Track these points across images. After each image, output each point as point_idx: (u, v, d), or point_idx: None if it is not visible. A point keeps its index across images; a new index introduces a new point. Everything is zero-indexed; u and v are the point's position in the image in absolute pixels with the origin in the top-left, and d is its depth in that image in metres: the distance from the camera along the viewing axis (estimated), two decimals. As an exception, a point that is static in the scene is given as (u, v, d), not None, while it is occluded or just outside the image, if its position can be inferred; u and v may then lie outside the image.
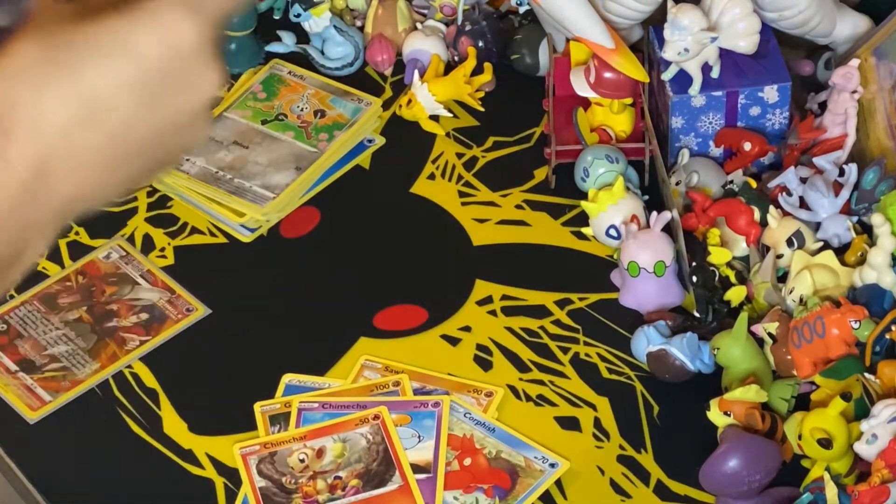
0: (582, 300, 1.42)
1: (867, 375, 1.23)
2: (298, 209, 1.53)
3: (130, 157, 0.72)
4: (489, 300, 1.43)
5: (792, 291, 1.32)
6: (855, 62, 1.45)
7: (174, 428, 1.34)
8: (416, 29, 1.68)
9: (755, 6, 1.46)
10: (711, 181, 1.46)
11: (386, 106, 1.62)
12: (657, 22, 1.50)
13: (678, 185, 1.46)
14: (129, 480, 1.32)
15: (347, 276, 1.47)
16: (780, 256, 1.37)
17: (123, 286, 1.46)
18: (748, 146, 1.46)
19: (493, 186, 1.54)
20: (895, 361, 1.23)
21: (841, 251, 1.36)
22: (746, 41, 1.46)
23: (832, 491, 1.16)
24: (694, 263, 1.37)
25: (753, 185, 1.43)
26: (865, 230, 1.37)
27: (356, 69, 1.66)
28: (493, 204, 1.52)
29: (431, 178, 1.56)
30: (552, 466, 1.28)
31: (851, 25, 1.53)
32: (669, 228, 1.40)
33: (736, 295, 1.37)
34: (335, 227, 1.51)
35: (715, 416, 1.26)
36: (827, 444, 1.19)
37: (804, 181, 1.41)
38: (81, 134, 0.69)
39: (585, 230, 1.46)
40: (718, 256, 1.38)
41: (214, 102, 0.73)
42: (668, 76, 1.47)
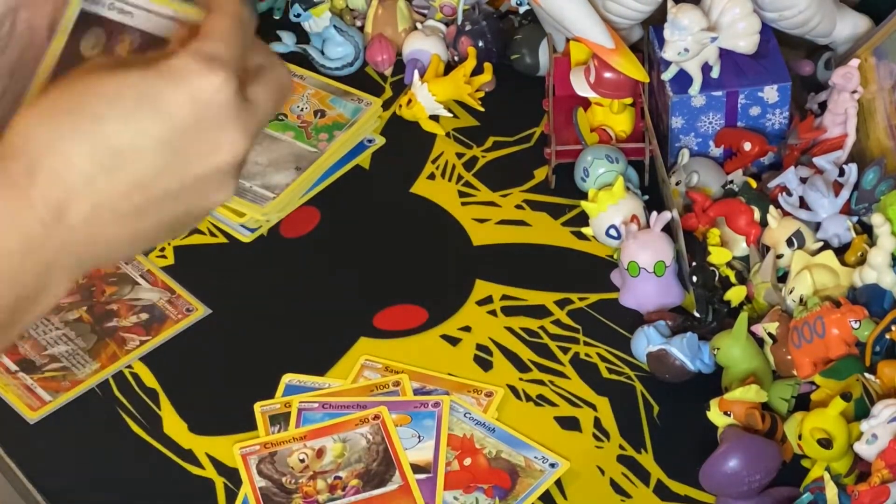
0: (582, 300, 1.42)
1: (867, 375, 1.23)
2: (298, 209, 1.53)
3: (150, 210, 0.72)
4: (489, 300, 1.43)
5: (792, 291, 1.32)
6: (855, 62, 1.45)
7: (174, 428, 1.34)
8: (416, 29, 1.68)
9: (755, 6, 1.46)
10: (711, 181, 1.46)
11: (386, 106, 1.62)
12: (657, 22, 1.50)
13: (678, 185, 1.46)
14: (129, 480, 1.31)
15: (347, 276, 1.47)
16: (780, 256, 1.37)
17: (123, 286, 1.46)
18: (748, 146, 1.46)
19: (493, 186, 1.54)
20: (895, 361, 1.23)
21: (841, 251, 1.36)
22: (746, 41, 1.46)
23: (832, 491, 1.16)
24: (694, 263, 1.37)
25: (753, 185, 1.43)
26: (865, 230, 1.37)
27: (356, 69, 1.66)
28: (493, 204, 1.52)
29: (431, 178, 1.55)
30: (552, 466, 1.28)
31: (851, 25, 1.53)
32: (669, 228, 1.40)
33: (736, 295, 1.37)
34: (335, 227, 1.51)
35: (715, 416, 1.26)
36: (827, 444, 1.19)
37: (804, 181, 1.41)
38: (104, 183, 0.70)
39: (585, 230, 1.46)
40: (718, 256, 1.38)
41: (239, 163, 0.74)
42: (668, 76, 1.47)
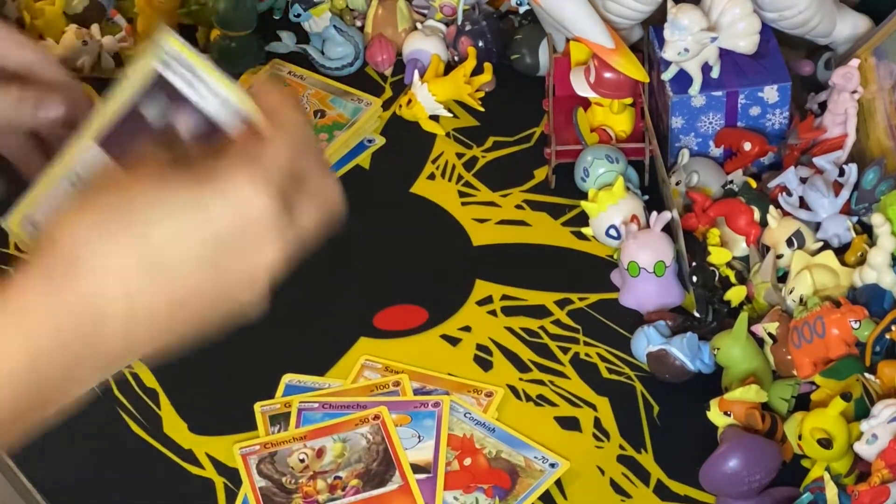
0: (582, 300, 1.42)
1: (867, 375, 1.23)
2: (298, 209, 1.52)
3: (185, 319, 0.73)
4: (489, 300, 1.43)
5: (792, 291, 1.32)
6: (855, 62, 1.45)
7: (174, 428, 1.34)
8: (416, 29, 1.68)
9: (755, 6, 1.46)
10: (711, 181, 1.46)
11: (386, 106, 1.62)
12: (657, 22, 1.49)
13: (678, 185, 1.46)
14: (129, 480, 1.31)
15: (347, 276, 1.47)
16: (780, 256, 1.37)
17: (123, 286, 1.46)
18: (748, 146, 1.46)
19: (493, 186, 1.54)
20: (895, 361, 1.23)
21: (841, 251, 1.36)
22: (746, 41, 1.46)
23: (832, 491, 1.16)
24: (694, 263, 1.37)
25: (753, 185, 1.43)
26: (865, 230, 1.37)
27: (356, 69, 1.66)
28: (493, 204, 1.52)
29: (431, 178, 1.55)
30: (552, 466, 1.28)
31: (851, 25, 1.53)
32: (669, 228, 1.40)
33: (736, 295, 1.37)
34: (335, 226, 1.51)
35: (715, 416, 1.26)
36: (827, 444, 1.19)
37: (804, 181, 1.41)
38: (141, 293, 0.71)
39: (585, 230, 1.46)
40: (718, 256, 1.38)
41: (274, 271, 0.74)
42: (668, 76, 1.47)
